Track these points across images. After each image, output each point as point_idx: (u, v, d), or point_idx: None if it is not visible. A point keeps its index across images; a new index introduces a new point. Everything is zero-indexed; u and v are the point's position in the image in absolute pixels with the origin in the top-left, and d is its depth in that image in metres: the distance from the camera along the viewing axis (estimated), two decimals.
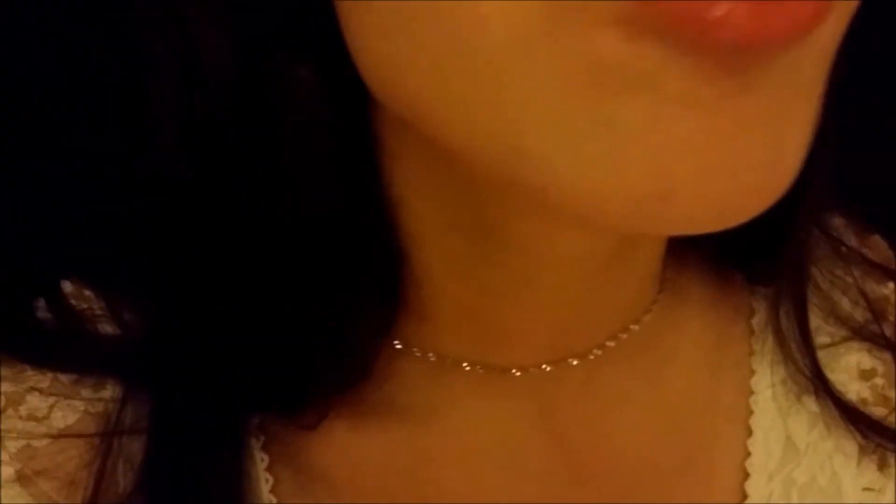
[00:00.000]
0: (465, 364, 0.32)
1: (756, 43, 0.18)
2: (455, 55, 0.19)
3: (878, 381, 0.38)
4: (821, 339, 0.37)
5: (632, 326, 0.34)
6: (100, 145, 0.30)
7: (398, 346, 0.32)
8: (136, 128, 0.28)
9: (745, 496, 0.35)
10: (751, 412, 0.36)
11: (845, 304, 0.38)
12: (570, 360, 0.33)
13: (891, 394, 0.38)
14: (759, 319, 0.38)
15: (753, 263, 0.37)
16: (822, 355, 0.37)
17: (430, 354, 0.32)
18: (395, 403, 0.33)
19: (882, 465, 0.37)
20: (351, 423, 0.33)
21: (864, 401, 0.38)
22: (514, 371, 0.33)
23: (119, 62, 0.28)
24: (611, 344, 0.34)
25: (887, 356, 0.38)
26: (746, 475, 0.35)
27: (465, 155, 0.22)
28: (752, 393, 0.36)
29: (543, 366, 0.33)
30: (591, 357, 0.33)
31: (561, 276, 0.30)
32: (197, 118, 0.26)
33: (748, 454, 0.35)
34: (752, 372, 0.37)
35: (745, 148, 0.19)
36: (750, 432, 0.36)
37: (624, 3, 0.17)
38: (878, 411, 0.37)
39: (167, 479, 0.31)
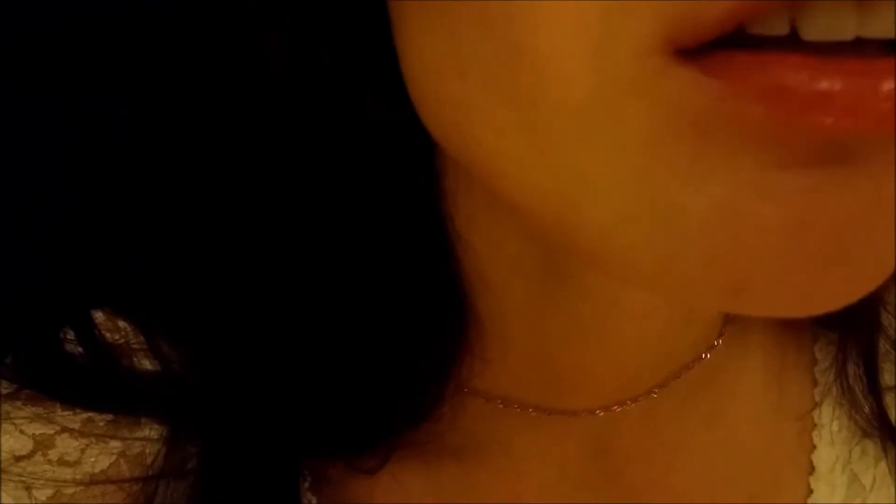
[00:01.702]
0: (523, 406, 0.31)
1: (858, 128, 0.16)
2: (530, 109, 0.18)
3: None
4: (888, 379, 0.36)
5: (692, 366, 0.33)
6: (148, 158, 0.28)
7: (458, 386, 0.31)
8: (189, 145, 0.25)
9: None
10: (813, 447, 0.35)
11: None
12: (629, 401, 0.32)
13: None
14: (823, 354, 0.36)
15: None
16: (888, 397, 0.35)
17: (488, 395, 0.31)
18: (449, 443, 0.31)
19: None
20: (402, 462, 0.31)
21: None
22: (574, 413, 0.32)
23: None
24: (671, 384, 0.33)
25: None
26: None
27: (521, 208, 0.21)
28: (815, 426, 0.35)
29: (602, 408, 0.32)
30: (651, 398, 0.32)
31: (631, 327, 0.29)
32: (259, 148, 0.25)
33: (810, 491, 0.34)
34: (816, 405, 0.35)
35: (836, 242, 0.18)
36: (812, 468, 0.34)
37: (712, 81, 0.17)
38: None
39: None
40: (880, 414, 0.35)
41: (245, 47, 0.24)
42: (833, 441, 0.34)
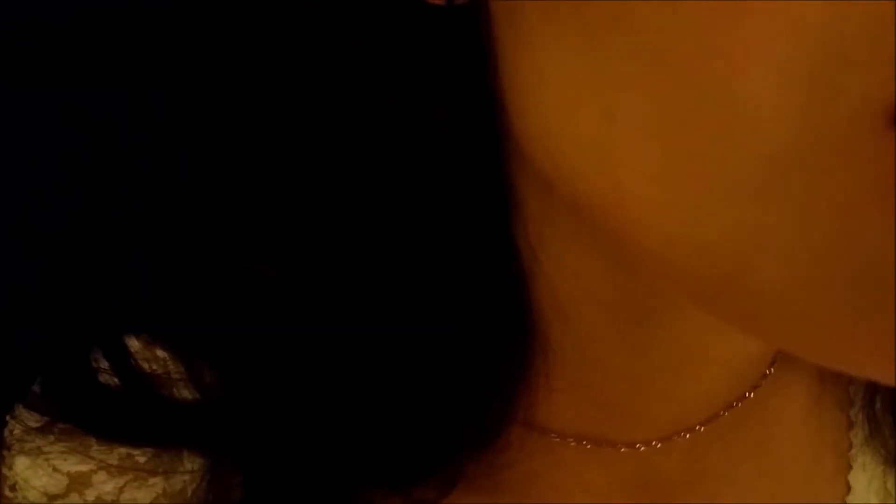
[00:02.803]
0: (574, 438, 0.30)
1: None
2: (706, 159, 0.17)
3: None
4: None
5: (742, 400, 0.32)
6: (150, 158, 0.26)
7: (517, 417, 0.29)
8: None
9: None
10: (850, 467, 0.34)
11: None
12: (678, 434, 0.31)
13: None
14: (856, 395, 0.36)
15: None
16: None
17: (544, 427, 0.30)
18: (500, 473, 0.30)
19: None
20: (460, 491, 0.29)
21: None
22: (622, 447, 0.31)
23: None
24: (722, 416, 0.32)
25: None
26: None
27: (655, 261, 0.19)
28: (851, 447, 0.35)
29: (654, 442, 0.31)
30: (702, 431, 0.32)
31: (705, 373, 0.29)
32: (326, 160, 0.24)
33: None
34: (852, 424, 0.35)
35: None
36: (849, 488, 0.34)
37: None
38: None
39: None
40: None
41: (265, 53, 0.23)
42: (866, 461, 0.34)
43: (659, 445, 0.31)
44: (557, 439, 0.30)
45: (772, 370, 0.33)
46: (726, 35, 0.16)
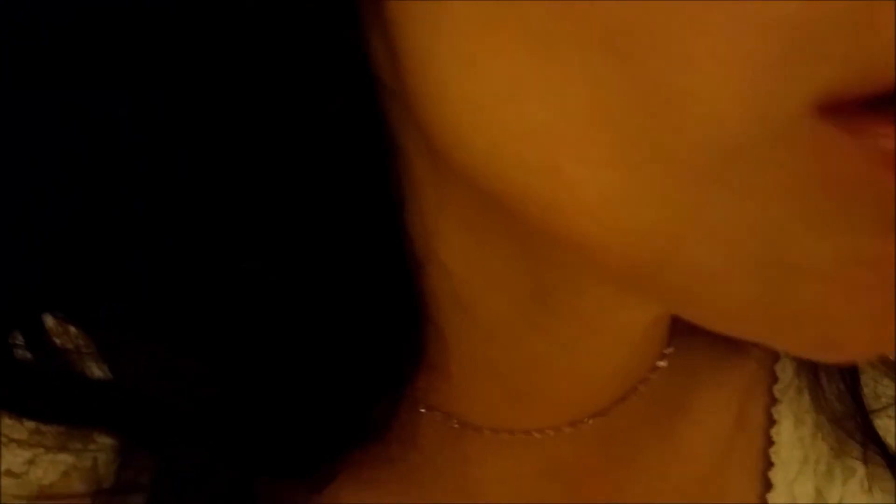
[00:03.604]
0: (482, 426, 0.31)
1: None
2: (652, 147, 0.17)
3: None
4: (880, 400, 0.36)
5: (643, 383, 0.33)
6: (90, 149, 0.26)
7: (413, 404, 0.30)
8: (137, 134, 0.24)
9: None
10: (770, 464, 0.34)
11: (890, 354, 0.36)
12: (587, 419, 0.32)
13: None
14: (783, 369, 0.36)
15: None
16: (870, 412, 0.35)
17: (448, 415, 0.31)
18: (408, 462, 0.31)
19: None
20: (360, 483, 0.30)
21: None
22: (532, 433, 0.31)
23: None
24: (625, 402, 0.33)
25: None
26: None
27: (585, 247, 0.20)
28: (772, 444, 0.35)
29: (561, 427, 0.32)
30: (607, 416, 0.33)
31: (604, 345, 0.29)
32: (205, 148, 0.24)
33: None
34: (774, 422, 0.35)
35: None
36: (770, 485, 0.34)
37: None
38: None
39: None
40: (858, 422, 0.35)
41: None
42: (791, 458, 0.34)
43: (568, 430, 0.31)
44: (468, 428, 0.31)
45: (665, 360, 0.34)
46: (683, 27, 0.16)
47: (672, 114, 0.16)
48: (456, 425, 0.31)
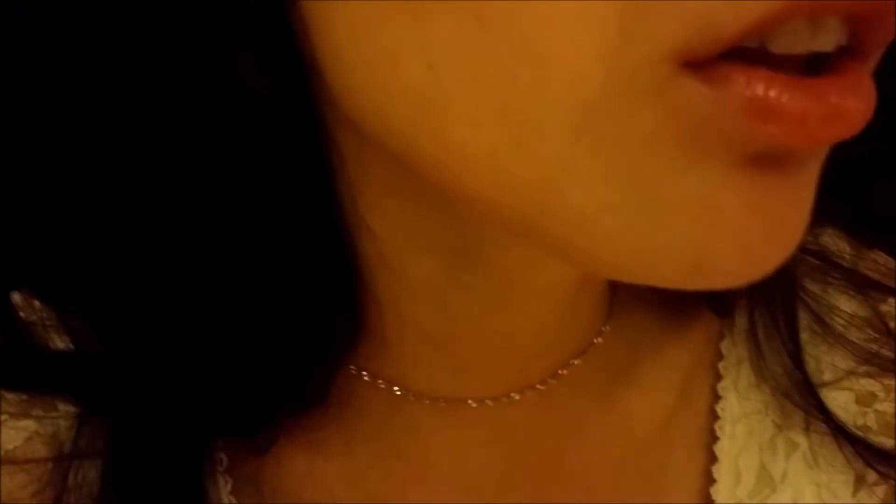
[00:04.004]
0: (425, 395, 0.32)
1: (811, 146, 0.20)
2: (524, 105, 0.19)
3: (882, 406, 0.37)
4: (824, 375, 0.36)
5: (584, 351, 0.34)
6: (47, 148, 0.28)
7: (360, 375, 0.32)
8: (87, 133, 0.26)
9: None
10: (716, 438, 0.35)
11: (841, 330, 0.37)
12: (526, 390, 0.33)
13: None
14: (729, 346, 0.37)
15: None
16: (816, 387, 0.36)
17: (390, 382, 0.32)
18: (353, 429, 0.32)
19: (890, 500, 0.36)
20: (310, 448, 0.32)
21: (866, 429, 0.36)
22: (472, 402, 0.32)
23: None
24: (564, 372, 0.34)
25: (890, 381, 0.37)
26: (711, 502, 0.34)
27: (478, 201, 0.21)
28: (717, 418, 0.36)
29: (502, 396, 0.33)
30: (546, 385, 0.33)
31: (530, 305, 0.30)
32: (150, 124, 0.25)
33: (713, 481, 0.35)
34: (718, 398, 0.36)
35: (776, 224, 0.21)
36: (715, 459, 0.35)
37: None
38: (884, 441, 0.36)
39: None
40: (804, 394, 0.36)
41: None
42: (735, 433, 0.35)
43: (507, 400, 0.32)
44: (409, 396, 0.32)
45: (606, 329, 0.35)
46: None
47: (535, 75, 0.18)
48: (398, 392, 0.32)
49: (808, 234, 0.38)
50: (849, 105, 0.19)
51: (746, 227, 0.20)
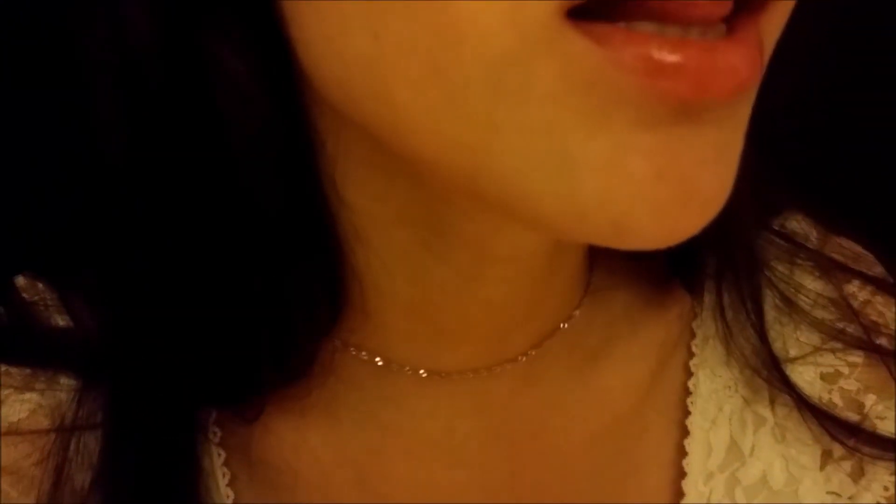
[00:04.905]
0: (407, 365, 0.33)
1: (702, 101, 0.20)
2: (448, 64, 0.20)
3: (847, 384, 0.38)
4: (790, 352, 0.38)
5: (562, 325, 0.35)
6: (42, 136, 0.30)
7: (343, 346, 0.33)
8: (79, 118, 0.28)
9: (681, 495, 0.35)
10: (688, 413, 0.37)
11: (806, 310, 0.38)
12: (506, 363, 0.34)
13: (863, 399, 0.38)
14: (700, 324, 0.38)
15: (681, 270, 0.37)
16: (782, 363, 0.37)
17: (374, 354, 0.33)
18: (340, 400, 0.33)
19: (857, 474, 0.37)
20: (298, 420, 0.33)
21: (831, 405, 0.37)
22: (453, 373, 0.34)
23: (51, 49, 0.27)
24: (544, 343, 0.35)
25: (854, 358, 0.38)
26: (684, 474, 0.35)
27: (427, 163, 0.23)
28: (689, 394, 0.37)
29: (482, 368, 0.34)
30: (526, 358, 0.35)
31: (504, 273, 0.31)
32: (133, 108, 0.27)
33: (685, 454, 0.36)
34: (690, 374, 0.37)
35: (685, 186, 0.21)
36: (687, 432, 0.36)
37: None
38: (849, 416, 0.37)
39: (124, 473, 0.31)
40: (770, 370, 0.37)
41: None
42: (707, 408, 0.36)
43: (484, 371, 0.34)
44: (392, 367, 0.33)
45: (580, 308, 0.36)
46: None
47: (455, 35, 0.20)
48: (381, 363, 0.33)
49: (775, 218, 0.40)
50: (733, 60, 0.20)
51: (655, 189, 0.21)
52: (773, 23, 0.23)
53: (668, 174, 0.21)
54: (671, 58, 0.20)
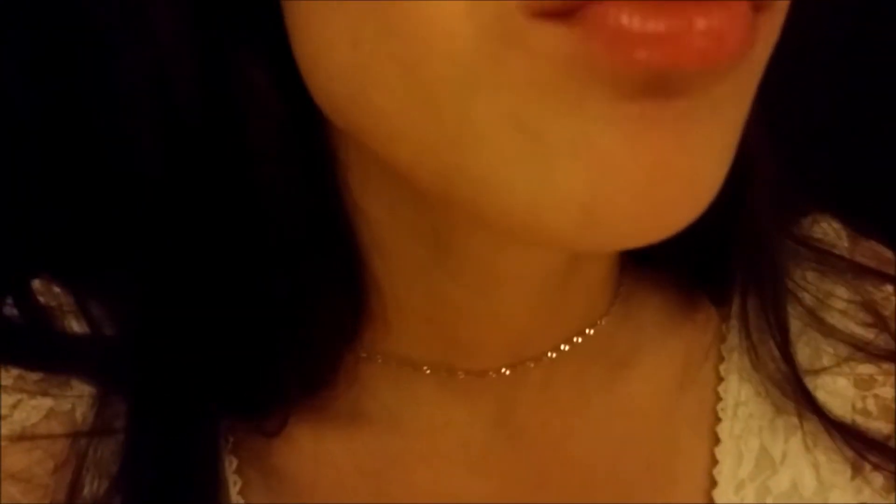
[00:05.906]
0: (426, 369, 0.33)
1: (673, 66, 0.19)
2: (418, 65, 0.20)
3: (883, 391, 0.37)
4: (822, 360, 0.37)
5: (586, 331, 0.35)
6: (71, 146, 0.30)
7: (361, 353, 0.32)
8: (108, 128, 0.27)
9: None
10: (718, 420, 0.36)
11: (837, 318, 0.37)
12: (527, 363, 0.33)
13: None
14: (730, 329, 0.37)
15: (707, 281, 0.37)
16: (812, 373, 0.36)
17: (392, 360, 0.33)
18: (360, 408, 0.33)
19: (889, 486, 0.36)
20: (317, 428, 0.33)
21: (865, 413, 0.37)
22: (472, 376, 0.33)
23: (86, 65, 0.27)
24: (566, 348, 0.34)
25: (889, 366, 0.37)
26: (714, 483, 0.35)
27: (407, 170, 0.22)
28: (719, 400, 0.36)
29: (502, 370, 0.33)
30: (547, 360, 0.34)
31: (514, 289, 0.30)
32: (164, 121, 0.27)
33: (716, 462, 0.35)
34: (721, 380, 0.36)
35: (661, 163, 0.20)
36: (717, 440, 0.35)
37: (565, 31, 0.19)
38: (880, 427, 0.36)
39: (142, 481, 0.30)
40: (795, 384, 0.36)
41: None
42: (737, 415, 0.35)
43: (504, 374, 0.33)
44: (414, 375, 0.32)
45: (609, 314, 0.35)
46: None
47: (423, 37, 0.20)
48: (394, 365, 0.32)
49: (802, 220, 0.39)
50: (714, 23, 0.18)
51: (632, 164, 0.20)
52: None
53: (643, 145, 0.20)
54: (643, 25, 0.18)
